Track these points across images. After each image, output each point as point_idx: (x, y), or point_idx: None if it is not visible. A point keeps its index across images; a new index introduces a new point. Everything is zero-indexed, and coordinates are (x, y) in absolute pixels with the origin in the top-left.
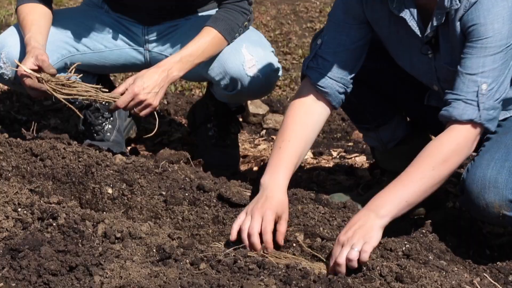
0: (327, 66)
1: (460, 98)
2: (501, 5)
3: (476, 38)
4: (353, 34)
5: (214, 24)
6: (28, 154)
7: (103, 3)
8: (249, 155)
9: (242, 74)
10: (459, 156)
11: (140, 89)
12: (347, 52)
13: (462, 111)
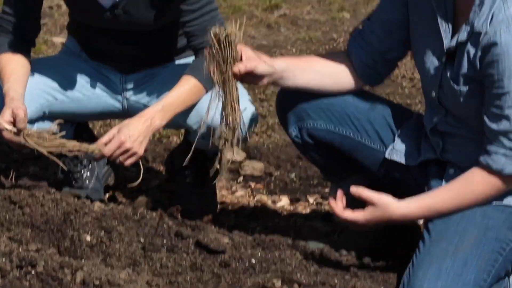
0: (363, 36)
1: (498, 151)
2: None
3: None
4: (392, 13)
5: (193, 72)
6: (7, 202)
7: (81, 51)
8: (226, 201)
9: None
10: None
11: (126, 137)
12: (383, 30)
13: (502, 166)
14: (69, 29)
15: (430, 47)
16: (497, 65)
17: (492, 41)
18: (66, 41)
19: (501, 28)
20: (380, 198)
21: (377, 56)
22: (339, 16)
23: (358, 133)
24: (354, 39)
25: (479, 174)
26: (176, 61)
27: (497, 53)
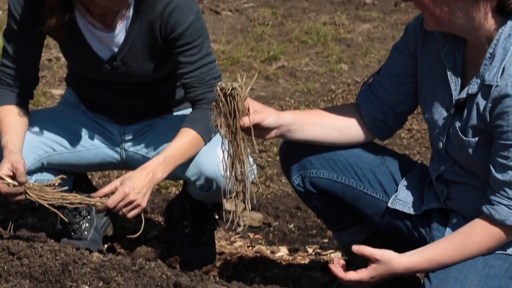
0: (372, 90)
1: (502, 202)
2: None
3: (506, 141)
4: (401, 66)
5: (191, 125)
6: (5, 253)
7: (79, 103)
8: (225, 252)
9: (217, 174)
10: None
11: (130, 189)
12: (392, 84)
13: (505, 217)
14: (67, 81)
15: (439, 99)
16: (507, 117)
17: (503, 93)
18: (64, 93)
19: (510, 80)
20: (383, 254)
21: (387, 109)
22: (337, 68)
23: (361, 183)
24: (363, 92)
25: (481, 225)
26: (175, 113)
27: (508, 105)
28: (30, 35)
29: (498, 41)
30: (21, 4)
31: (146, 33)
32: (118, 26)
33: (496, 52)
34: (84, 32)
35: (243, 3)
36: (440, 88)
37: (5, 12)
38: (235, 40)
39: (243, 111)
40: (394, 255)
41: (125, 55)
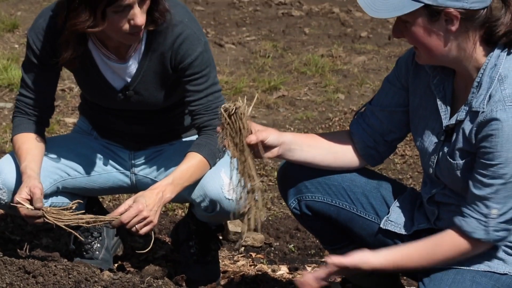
0: (364, 119)
1: (473, 215)
2: None
3: (488, 161)
4: (392, 97)
5: (198, 149)
6: (21, 271)
7: (92, 130)
8: (228, 270)
9: (221, 196)
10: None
11: (144, 206)
12: (383, 112)
13: (472, 230)
14: (80, 110)
15: (430, 127)
16: (491, 139)
17: (489, 117)
18: (77, 121)
19: (497, 106)
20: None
21: (378, 137)
22: (334, 97)
23: (354, 206)
24: (356, 121)
25: (449, 235)
26: (183, 139)
27: (492, 128)
28: (47, 67)
29: (485, 71)
30: (39, 38)
31: (157, 63)
32: (131, 58)
33: (483, 81)
34: (98, 63)
35: (245, 37)
36: (431, 117)
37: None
38: (238, 71)
39: (248, 129)
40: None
41: (137, 85)
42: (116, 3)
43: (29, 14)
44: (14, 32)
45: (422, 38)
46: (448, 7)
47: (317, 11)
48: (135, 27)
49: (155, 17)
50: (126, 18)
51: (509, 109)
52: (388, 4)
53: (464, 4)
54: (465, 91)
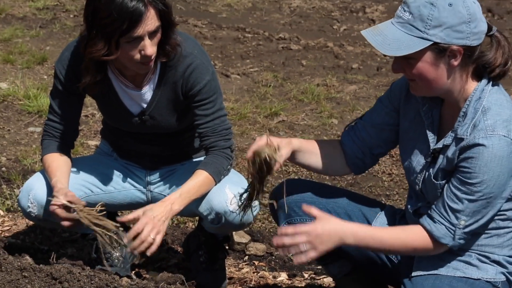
0: (356, 133)
1: (443, 223)
2: (497, 161)
3: (466, 179)
4: (383, 117)
5: (205, 167)
6: (49, 278)
7: (112, 151)
8: (234, 277)
9: (225, 210)
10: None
11: (151, 218)
12: (373, 128)
13: (442, 235)
14: (102, 134)
15: (418, 149)
16: (472, 161)
17: (471, 143)
18: (100, 143)
19: (480, 134)
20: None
21: (366, 150)
22: (328, 122)
23: None
24: (347, 133)
25: (418, 230)
26: (193, 159)
27: (474, 152)
28: (72, 94)
29: (471, 102)
30: (64, 68)
31: (170, 91)
32: (146, 86)
33: (468, 112)
34: (117, 91)
35: (249, 68)
36: (419, 140)
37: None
38: (243, 99)
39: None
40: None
41: (152, 110)
42: (128, 34)
43: (57, 49)
44: (43, 65)
45: (427, 73)
46: (454, 44)
47: (313, 45)
48: (145, 57)
49: (166, 51)
50: (137, 48)
51: (490, 137)
52: (399, 43)
53: (467, 42)
54: (452, 119)
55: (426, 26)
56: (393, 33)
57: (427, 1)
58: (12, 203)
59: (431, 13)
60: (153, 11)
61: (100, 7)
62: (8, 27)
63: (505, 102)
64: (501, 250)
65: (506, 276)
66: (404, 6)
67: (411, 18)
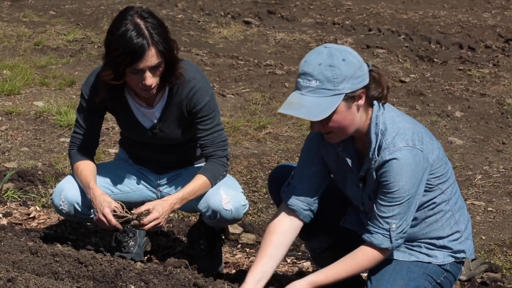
0: (295, 191)
1: (378, 232)
2: (406, 168)
3: (386, 190)
4: (313, 167)
5: (204, 173)
6: (76, 262)
7: (128, 158)
8: (229, 261)
9: (220, 208)
10: (373, 265)
11: (160, 213)
12: (309, 181)
13: (380, 242)
14: (120, 143)
15: (349, 180)
16: (385, 174)
17: (382, 161)
18: (118, 151)
19: (385, 153)
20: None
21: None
22: (307, 133)
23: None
24: (288, 195)
25: (362, 250)
26: (195, 165)
27: (385, 167)
28: (94, 111)
29: (371, 129)
30: (88, 88)
31: (176, 109)
32: (156, 105)
33: (372, 138)
34: (133, 109)
35: (241, 89)
36: (348, 173)
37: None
38: (236, 115)
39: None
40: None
41: (161, 125)
42: (131, 67)
43: (83, 74)
44: (72, 87)
45: (343, 120)
46: (358, 89)
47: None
48: (145, 86)
49: (171, 80)
50: (140, 78)
51: (394, 152)
52: (320, 107)
53: (365, 82)
54: (364, 148)
55: (334, 84)
56: (310, 101)
57: (326, 65)
58: (46, 201)
59: (334, 73)
60: (154, 50)
61: (112, 41)
62: (44, 56)
63: (396, 117)
64: (443, 231)
65: (453, 257)
66: (306, 77)
67: (319, 84)
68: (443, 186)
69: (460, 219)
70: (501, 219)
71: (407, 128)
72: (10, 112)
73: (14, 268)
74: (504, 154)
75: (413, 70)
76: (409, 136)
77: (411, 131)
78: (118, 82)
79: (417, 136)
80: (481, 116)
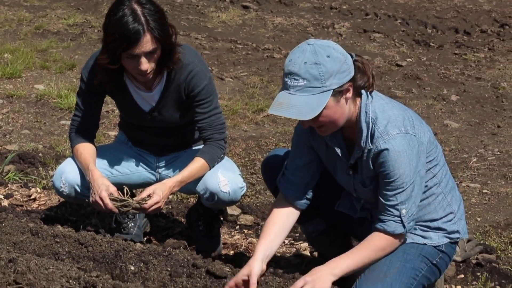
0: (290, 182)
1: (390, 219)
2: (403, 155)
3: (388, 179)
4: (305, 158)
5: (202, 155)
6: (77, 243)
7: (128, 141)
8: (227, 242)
9: (218, 190)
10: (390, 250)
11: (161, 197)
12: (302, 171)
13: (394, 228)
14: (120, 126)
15: (339, 168)
16: (384, 164)
17: (377, 151)
18: (118, 134)
19: (379, 142)
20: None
21: (306, 189)
22: None
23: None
24: (284, 185)
25: (377, 237)
26: (193, 148)
27: (382, 157)
28: (93, 94)
29: (360, 118)
30: (88, 72)
31: (175, 92)
32: (155, 89)
33: (362, 127)
34: (132, 93)
35: (240, 73)
36: (338, 161)
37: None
38: (235, 98)
39: None
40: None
41: (160, 108)
42: (127, 52)
43: (83, 57)
44: (72, 70)
45: (333, 115)
46: (345, 83)
47: None
48: (140, 71)
49: (169, 65)
50: (136, 63)
51: (388, 140)
52: (310, 105)
53: (351, 75)
54: (354, 136)
55: (322, 81)
56: (300, 100)
57: (311, 63)
58: (47, 182)
59: (321, 70)
60: (150, 36)
61: (109, 26)
62: (45, 40)
63: (385, 105)
64: (437, 214)
65: (448, 238)
66: (293, 77)
67: (306, 82)
68: (434, 170)
69: (453, 200)
70: (496, 201)
71: (397, 114)
72: (11, 95)
73: (15, 248)
74: (499, 137)
75: (410, 54)
76: (400, 123)
77: (402, 117)
78: (114, 66)
79: (408, 122)
80: (476, 99)
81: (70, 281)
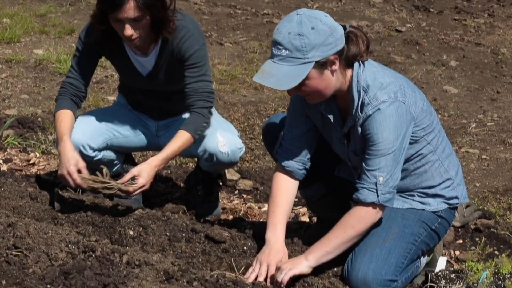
0: (288, 152)
1: (364, 186)
2: (388, 120)
3: (371, 143)
4: (302, 127)
5: (185, 127)
6: (76, 207)
7: (127, 104)
8: (226, 207)
9: (216, 151)
10: (364, 225)
11: (146, 180)
12: (300, 141)
13: (366, 196)
14: (119, 89)
15: (334, 136)
16: (369, 127)
17: (365, 116)
18: (117, 97)
19: (368, 108)
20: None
21: (304, 159)
22: None
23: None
24: (282, 155)
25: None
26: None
27: (369, 121)
28: (88, 54)
29: (352, 88)
30: (85, 31)
31: (169, 56)
32: (151, 53)
33: (354, 96)
34: (130, 57)
35: (239, 38)
36: (332, 130)
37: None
38: (234, 63)
39: None
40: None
41: (157, 72)
42: (111, 15)
43: (82, 22)
44: (71, 35)
45: (318, 85)
46: (329, 56)
47: None
48: (125, 36)
49: (164, 34)
50: (121, 27)
51: (376, 106)
52: (290, 75)
53: (337, 48)
54: (347, 105)
55: (304, 53)
56: (281, 70)
57: (294, 34)
58: (46, 147)
59: (303, 41)
60: (133, 4)
61: None
62: (44, 5)
63: (377, 73)
64: (434, 180)
65: (447, 203)
66: (277, 46)
67: (288, 53)
68: (428, 137)
69: (450, 166)
70: (495, 166)
71: (388, 82)
72: (10, 60)
73: (14, 213)
74: (498, 103)
75: (409, 19)
76: (390, 90)
77: (393, 84)
78: (102, 27)
79: (399, 89)
80: (476, 65)
81: (69, 245)
